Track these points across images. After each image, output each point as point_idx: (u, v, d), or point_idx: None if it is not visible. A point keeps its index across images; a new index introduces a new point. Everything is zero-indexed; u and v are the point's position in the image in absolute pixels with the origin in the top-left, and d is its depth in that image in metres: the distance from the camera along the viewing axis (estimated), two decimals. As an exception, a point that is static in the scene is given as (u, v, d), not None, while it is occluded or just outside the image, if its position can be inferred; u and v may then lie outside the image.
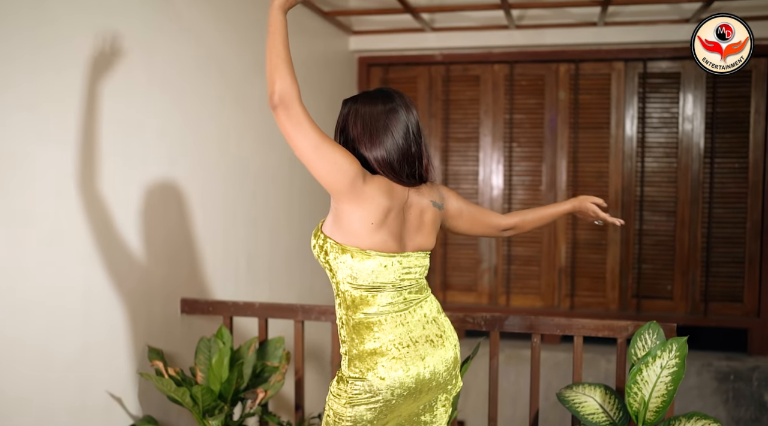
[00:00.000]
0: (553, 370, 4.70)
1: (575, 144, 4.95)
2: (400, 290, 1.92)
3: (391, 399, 1.90)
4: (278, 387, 2.60)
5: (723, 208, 4.78)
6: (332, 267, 1.89)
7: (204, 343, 2.69)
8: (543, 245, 5.02)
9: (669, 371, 2.32)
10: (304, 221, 4.15)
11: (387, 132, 1.91)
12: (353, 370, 1.90)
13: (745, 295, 4.76)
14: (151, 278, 2.74)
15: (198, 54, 3.04)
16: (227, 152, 3.31)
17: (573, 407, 2.46)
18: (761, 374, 4.52)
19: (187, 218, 2.98)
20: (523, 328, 2.65)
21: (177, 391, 2.40)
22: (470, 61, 5.04)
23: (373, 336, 1.89)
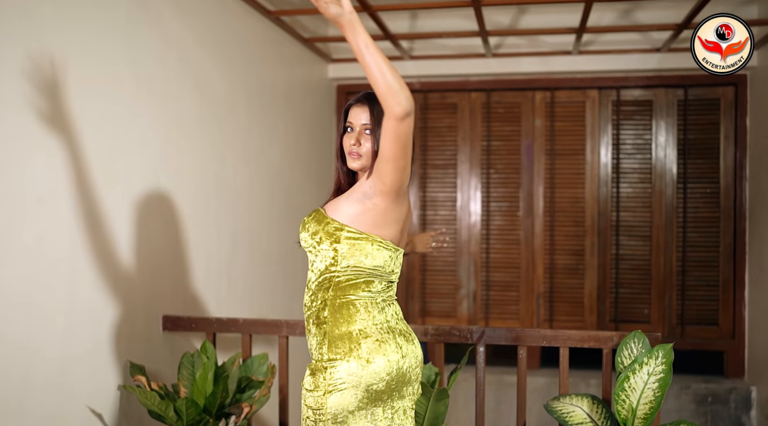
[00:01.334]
0: (533, 394, 4.68)
1: (552, 170, 5.03)
2: (390, 284, 2.04)
3: (371, 385, 1.90)
4: (264, 401, 2.56)
5: (696, 232, 4.87)
6: (338, 252, 1.95)
7: (187, 359, 2.65)
8: (521, 270, 5.06)
9: (656, 378, 2.33)
10: (284, 239, 4.14)
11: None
12: (334, 352, 1.90)
13: (720, 317, 4.82)
14: (133, 294, 2.70)
15: (182, 70, 3.05)
16: (209, 169, 3.31)
17: (561, 417, 2.46)
18: (738, 396, 4.56)
19: (169, 234, 2.96)
20: (509, 340, 2.65)
21: (160, 405, 2.36)
22: (448, 88, 5.12)
23: (359, 316, 1.94)
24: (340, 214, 1.98)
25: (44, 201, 2.25)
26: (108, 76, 2.55)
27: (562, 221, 5.02)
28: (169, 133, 2.96)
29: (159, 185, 2.86)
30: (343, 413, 1.89)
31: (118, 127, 2.61)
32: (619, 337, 2.55)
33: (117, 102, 2.60)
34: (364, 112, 2.02)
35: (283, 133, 4.21)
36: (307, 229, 2.03)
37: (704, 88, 4.85)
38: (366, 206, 1.96)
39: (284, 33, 4.18)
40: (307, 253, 2.05)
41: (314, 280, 2.01)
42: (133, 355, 2.69)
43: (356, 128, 2.03)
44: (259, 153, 3.85)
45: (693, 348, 4.82)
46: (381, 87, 1.76)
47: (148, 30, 2.79)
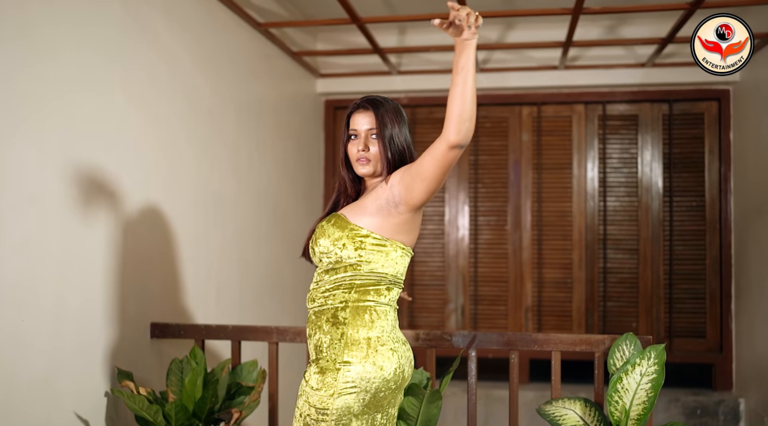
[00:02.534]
0: (522, 408, 4.65)
1: (539, 184, 5.05)
2: (402, 289, 2.07)
3: (379, 392, 1.91)
4: (254, 406, 2.52)
5: (683, 245, 4.90)
6: (363, 258, 1.95)
7: (176, 365, 2.62)
8: (509, 284, 5.06)
9: (649, 378, 2.33)
10: (272, 251, 4.12)
11: None
12: (350, 354, 1.90)
13: (707, 330, 4.84)
14: (120, 301, 2.67)
15: (172, 82, 3.05)
16: (199, 180, 3.29)
17: (554, 420, 2.44)
18: (726, 408, 4.56)
19: (158, 243, 2.93)
20: (500, 344, 2.64)
21: (149, 409, 2.32)
22: (435, 103, 5.15)
23: (378, 322, 1.96)
24: (363, 220, 1.97)
25: (33, 204, 2.23)
26: (99, 84, 2.54)
27: (550, 235, 5.04)
28: (160, 143, 2.95)
29: (148, 193, 2.85)
30: (348, 416, 1.89)
31: (108, 135, 2.59)
32: (610, 341, 2.55)
33: (108, 110, 2.59)
34: (368, 116, 2.03)
35: (271, 147, 4.21)
36: (328, 235, 1.98)
37: (688, 103, 4.91)
38: (391, 214, 1.96)
39: (273, 46, 4.20)
40: (322, 257, 2.01)
41: (329, 279, 1.99)
42: (121, 362, 2.65)
43: (361, 134, 2.03)
44: (247, 166, 3.85)
45: (681, 360, 4.82)
46: (455, 108, 1.75)
47: (140, 41, 2.79)
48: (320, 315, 1.98)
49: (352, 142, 2.06)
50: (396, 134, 2.02)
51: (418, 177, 1.87)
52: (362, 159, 2.02)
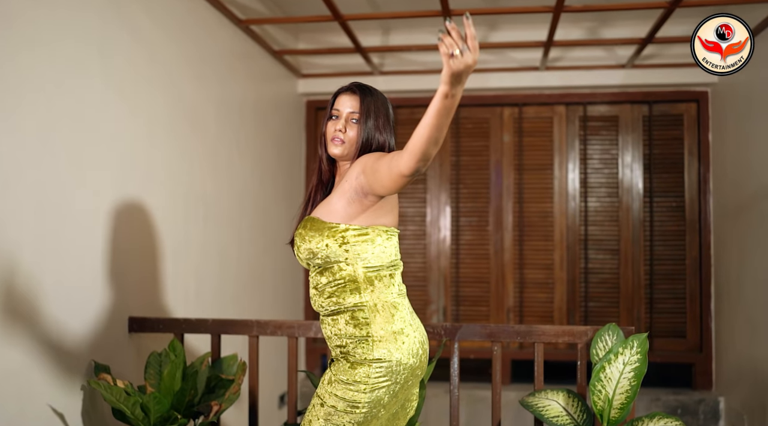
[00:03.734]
0: (504, 408, 4.65)
1: (520, 185, 5.06)
2: (400, 271, 2.06)
3: (408, 380, 1.97)
4: (233, 399, 2.48)
5: (663, 245, 4.93)
6: (350, 252, 1.94)
7: (154, 358, 2.57)
8: (491, 285, 5.05)
9: (631, 367, 2.33)
10: (253, 250, 4.09)
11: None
12: (379, 352, 1.91)
13: (687, 330, 4.86)
14: (97, 294, 2.62)
15: (152, 74, 3.02)
16: (178, 175, 3.26)
17: (537, 411, 2.43)
18: (707, 408, 4.58)
19: (135, 236, 2.89)
20: (483, 336, 2.63)
21: (127, 401, 2.27)
22: (417, 104, 5.15)
23: (398, 316, 1.97)
24: (337, 215, 1.96)
25: (7, 192, 2.18)
26: (77, 73, 2.50)
27: (531, 236, 5.04)
28: (138, 136, 2.91)
29: (126, 185, 2.81)
30: (377, 407, 1.93)
31: (86, 125, 2.55)
32: (593, 331, 2.54)
33: (86, 100, 2.55)
34: (354, 100, 2.02)
35: (252, 145, 4.18)
36: (308, 240, 1.96)
37: (668, 104, 4.95)
38: (362, 203, 1.94)
39: (255, 45, 4.18)
40: (310, 261, 2.00)
41: (328, 283, 1.98)
42: (98, 356, 2.60)
43: (342, 115, 2.02)
44: (227, 163, 3.82)
45: (662, 360, 4.84)
46: (421, 138, 1.63)
47: (119, 29, 2.76)
48: (336, 318, 1.98)
49: (332, 121, 2.05)
50: (379, 126, 2.01)
51: (377, 181, 1.84)
52: (336, 139, 2.01)
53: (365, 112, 2.00)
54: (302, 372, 2.68)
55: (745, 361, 4.21)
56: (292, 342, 2.72)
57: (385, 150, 2.03)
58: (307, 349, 5.14)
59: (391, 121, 2.07)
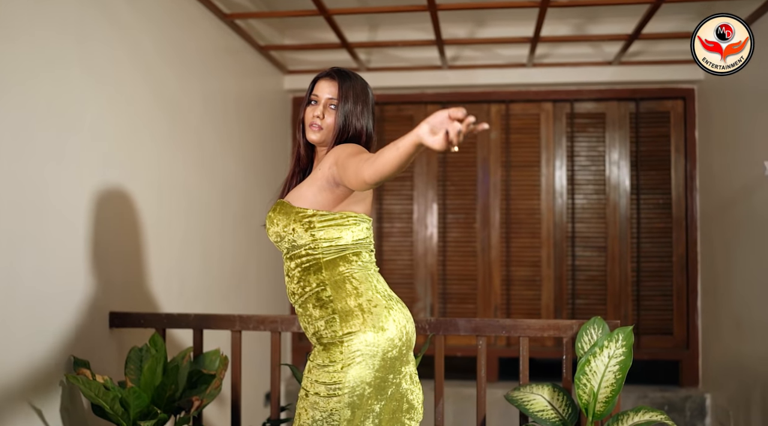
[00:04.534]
0: (491, 406, 4.63)
1: (507, 182, 5.05)
2: (372, 253, 2.04)
3: (386, 353, 1.89)
4: (215, 394, 2.45)
5: (650, 242, 4.93)
6: (316, 237, 1.92)
7: (135, 353, 2.53)
8: (478, 282, 5.03)
9: (617, 360, 2.31)
10: (237, 244, 4.05)
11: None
12: (349, 325, 1.88)
13: (674, 327, 4.86)
14: (77, 289, 2.58)
15: (134, 63, 2.98)
16: (161, 167, 3.22)
17: (522, 405, 2.41)
18: (693, 404, 4.58)
19: (117, 230, 2.85)
20: (468, 330, 2.61)
21: (106, 396, 2.23)
22: (404, 101, 5.13)
23: (362, 287, 1.93)
24: (307, 201, 1.95)
25: (-16, 179, 2.15)
26: (54, 62, 2.46)
27: (519, 233, 5.03)
28: (119, 125, 2.87)
29: (107, 179, 2.76)
30: (361, 385, 1.87)
31: (65, 113, 2.51)
32: (578, 325, 2.52)
33: (64, 87, 2.51)
34: (332, 86, 2.01)
35: (237, 141, 4.15)
36: (276, 224, 1.97)
37: (654, 102, 4.96)
38: (333, 192, 1.93)
39: (240, 40, 4.15)
40: (279, 245, 2.00)
41: (296, 267, 1.97)
42: (78, 352, 2.56)
43: (321, 101, 2.02)
44: (212, 158, 3.78)
45: (649, 358, 4.83)
46: (389, 166, 1.63)
47: (98, 19, 2.71)
48: (305, 304, 1.96)
49: (310, 106, 2.04)
50: (356, 113, 2.01)
51: (346, 177, 1.82)
52: (315, 125, 2.01)
53: (343, 98, 2.00)
54: (285, 365, 2.64)
55: (732, 357, 4.21)
56: (275, 337, 2.68)
57: (363, 137, 2.02)
58: (294, 347, 5.10)
59: (371, 107, 2.07)
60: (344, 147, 1.93)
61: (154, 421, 2.19)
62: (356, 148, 1.92)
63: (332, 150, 1.95)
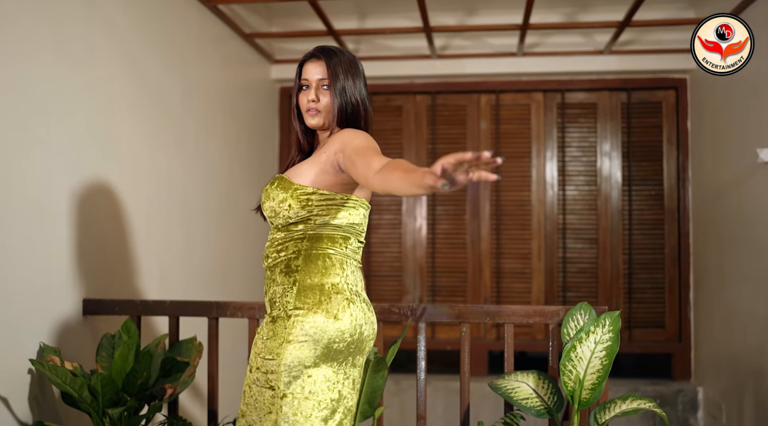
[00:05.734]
0: (480, 401, 4.55)
1: (497, 173, 4.97)
2: (360, 244, 1.97)
3: (332, 342, 1.80)
4: (189, 381, 2.37)
5: (642, 234, 4.86)
6: (312, 214, 1.86)
7: (107, 340, 2.46)
8: (468, 275, 4.96)
9: (603, 346, 2.24)
10: (221, 234, 3.97)
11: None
12: (302, 301, 1.80)
13: (666, 320, 4.79)
14: (50, 275, 2.50)
15: (111, 48, 2.90)
16: (140, 155, 3.14)
17: (506, 393, 2.34)
18: (685, 398, 4.51)
19: (93, 217, 2.76)
20: (451, 316, 2.53)
21: (73, 383, 2.15)
22: (393, 91, 5.05)
23: (333, 270, 1.86)
24: (307, 180, 1.88)
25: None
26: (26, 40, 2.38)
27: (509, 225, 4.96)
28: (94, 109, 2.78)
29: (83, 165, 2.68)
30: (299, 367, 1.79)
31: (36, 96, 2.43)
32: (564, 311, 2.45)
33: (35, 68, 2.42)
34: (320, 66, 1.95)
35: (222, 130, 4.07)
36: (272, 198, 1.89)
37: (646, 92, 4.89)
38: (338, 177, 1.87)
39: (225, 27, 4.07)
40: (273, 220, 1.93)
41: (282, 237, 1.90)
42: (49, 339, 2.48)
43: (312, 84, 1.95)
44: (194, 146, 3.70)
45: (641, 351, 4.77)
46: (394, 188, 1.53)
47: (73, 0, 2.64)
48: (274, 269, 1.90)
49: (303, 92, 1.98)
50: (349, 86, 1.94)
51: (353, 172, 1.74)
52: (312, 110, 1.94)
53: (334, 76, 1.93)
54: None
55: (724, 350, 4.14)
56: (252, 324, 2.61)
57: (360, 110, 1.95)
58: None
59: (363, 78, 2.00)
60: (351, 135, 1.85)
61: (123, 409, 2.11)
62: (363, 139, 1.83)
63: (338, 134, 1.88)
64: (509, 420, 2.32)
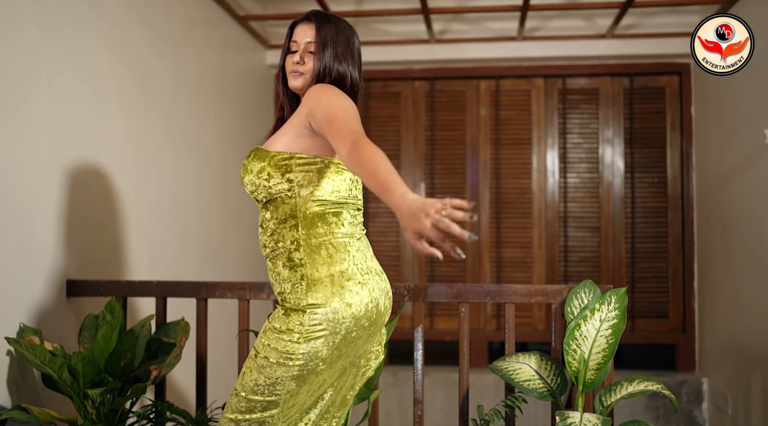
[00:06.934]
0: (481, 392, 4.45)
1: (497, 161, 4.87)
2: (357, 211, 1.88)
3: (352, 331, 1.74)
4: (175, 363, 2.27)
5: (645, 222, 4.76)
6: (294, 183, 1.76)
7: (90, 320, 2.35)
8: (467, 264, 4.86)
9: (609, 324, 2.14)
10: (214, 219, 3.87)
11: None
12: (314, 295, 1.71)
13: (670, 310, 4.69)
14: (31, 256, 2.39)
15: (98, 25, 2.79)
16: (126, 134, 3.02)
17: (507, 375, 2.24)
18: (689, 389, 4.41)
19: (80, 198, 2.65)
20: (449, 296, 2.43)
21: (52, 363, 2.05)
22: (391, 77, 4.95)
23: (338, 256, 1.76)
24: (284, 146, 1.79)
25: None
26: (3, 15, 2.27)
27: (509, 213, 4.85)
28: (79, 86, 2.67)
29: (65, 139, 2.57)
30: (315, 360, 1.72)
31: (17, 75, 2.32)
32: (568, 290, 2.35)
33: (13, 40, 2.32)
34: (310, 29, 1.87)
35: (215, 116, 3.96)
36: (250, 171, 1.81)
37: (649, 77, 4.79)
38: (315, 139, 1.78)
39: (218, 8, 3.96)
40: (255, 195, 1.84)
41: (271, 218, 1.81)
42: (30, 321, 2.37)
43: (300, 47, 1.88)
44: (186, 132, 3.59)
45: (644, 342, 4.66)
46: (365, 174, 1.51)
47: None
48: (276, 261, 1.81)
49: (290, 55, 1.90)
50: (337, 56, 1.86)
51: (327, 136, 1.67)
52: (295, 72, 1.87)
53: (322, 42, 1.85)
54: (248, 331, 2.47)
55: (729, 340, 4.04)
56: (243, 305, 2.50)
57: (347, 83, 1.87)
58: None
59: (355, 51, 1.91)
60: (317, 96, 1.75)
61: (103, 389, 2.00)
62: (329, 102, 1.71)
63: (307, 94, 1.79)
64: (510, 402, 2.22)
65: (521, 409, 2.32)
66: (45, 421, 2.08)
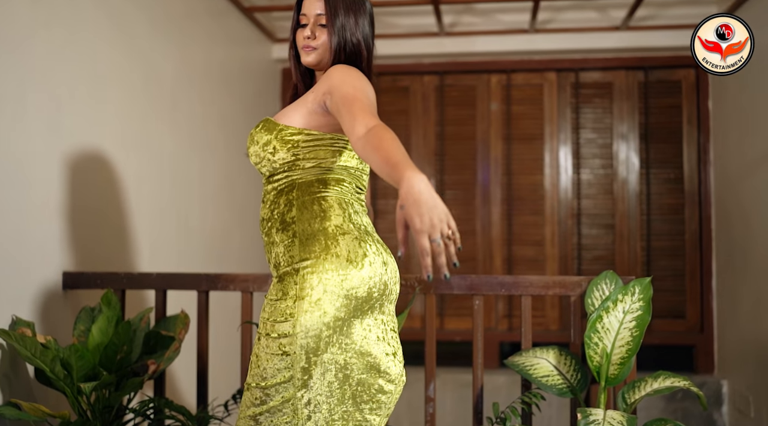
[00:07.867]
0: (493, 393, 4.32)
1: (509, 156, 4.75)
2: (361, 190, 1.80)
3: (353, 288, 1.58)
4: (173, 357, 2.16)
5: (661, 219, 4.62)
6: (299, 157, 1.68)
7: (86, 313, 2.25)
8: (478, 262, 4.73)
9: (633, 316, 2.02)
10: (219, 213, 3.76)
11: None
12: (307, 251, 1.60)
13: (687, 310, 4.55)
14: (27, 246, 2.29)
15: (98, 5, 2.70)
16: (130, 123, 2.93)
17: (524, 371, 2.12)
18: (708, 391, 4.27)
19: (78, 187, 2.55)
20: (462, 288, 2.32)
21: (44, 356, 1.94)
22: (400, 71, 4.84)
23: (333, 212, 1.66)
24: (294, 121, 1.71)
25: None
26: None
27: (521, 210, 4.73)
28: (77, 70, 2.57)
29: (63, 125, 2.47)
30: (317, 325, 1.56)
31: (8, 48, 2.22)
32: (587, 282, 2.23)
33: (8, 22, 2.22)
34: (319, 0, 1.78)
35: (219, 111, 3.86)
36: (256, 142, 1.73)
37: (665, 71, 4.66)
38: (327, 119, 1.70)
39: (223, 1, 3.87)
40: (260, 168, 1.75)
41: (272, 190, 1.73)
42: (25, 314, 2.27)
43: (310, 20, 1.78)
44: (189, 123, 3.49)
45: (661, 342, 4.52)
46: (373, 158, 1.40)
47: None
48: (270, 231, 1.70)
49: (300, 29, 1.81)
50: (350, 25, 1.77)
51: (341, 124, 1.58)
52: (307, 47, 1.78)
53: (332, 12, 1.76)
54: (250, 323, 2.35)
55: (750, 339, 3.90)
56: (246, 297, 2.39)
57: (363, 51, 1.79)
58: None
59: (368, 16, 1.82)
60: (341, 76, 1.65)
61: (96, 383, 1.89)
62: (352, 83, 1.62)
63: (327, 72, 1.71)
64: (528, 399, 2.10)
65: (539, 406, 2.20)
66: (37, 418, 1.97)
